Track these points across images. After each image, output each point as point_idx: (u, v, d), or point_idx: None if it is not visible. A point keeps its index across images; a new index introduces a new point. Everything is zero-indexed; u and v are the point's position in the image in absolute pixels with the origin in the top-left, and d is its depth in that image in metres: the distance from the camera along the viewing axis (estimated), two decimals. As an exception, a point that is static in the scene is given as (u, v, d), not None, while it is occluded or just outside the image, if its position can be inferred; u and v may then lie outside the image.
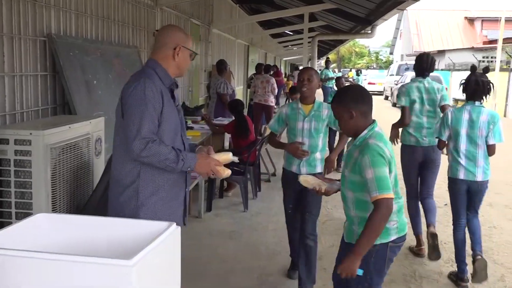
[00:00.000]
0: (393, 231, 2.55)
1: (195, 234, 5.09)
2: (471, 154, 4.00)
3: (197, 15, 9.61)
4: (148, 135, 2.35)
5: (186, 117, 7.51)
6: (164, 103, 2.44)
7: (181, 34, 2.63)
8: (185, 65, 2.65)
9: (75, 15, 4.68)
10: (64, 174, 3.30)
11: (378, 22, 10.45)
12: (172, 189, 2.55)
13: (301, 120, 3.76)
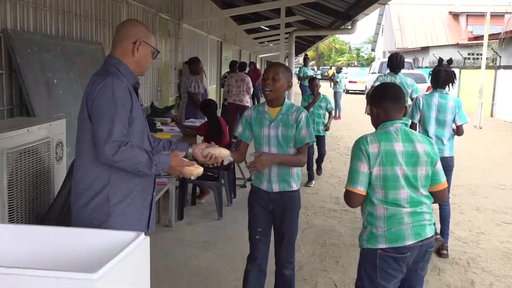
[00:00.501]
0: (381, 238, 2.60)
1: (165, 244, 5.06)
2: (439, 134, 4.90)
3: (166, 9, 9.58)
4: (120, 138, 2.35)
5: (155, 119, 7.53)
6: (133, 103, 2.46)
7: (142, 28, 2.63)
8: (146, 62, 2.64)
9: (33, 8, 4.62)
10: (22, 181, 3.25)
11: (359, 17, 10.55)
12: (141, 193, 2.57)
13: (267, 125, 3.31)
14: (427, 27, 40.23)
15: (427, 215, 2.67)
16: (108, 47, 6.50)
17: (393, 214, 2.62)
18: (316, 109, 7.79)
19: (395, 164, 2.59)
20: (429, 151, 2.66)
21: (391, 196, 2.60)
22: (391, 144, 2.61)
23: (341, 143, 12.05)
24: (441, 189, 2.72)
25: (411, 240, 2.59)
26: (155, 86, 9.06)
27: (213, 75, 16.20)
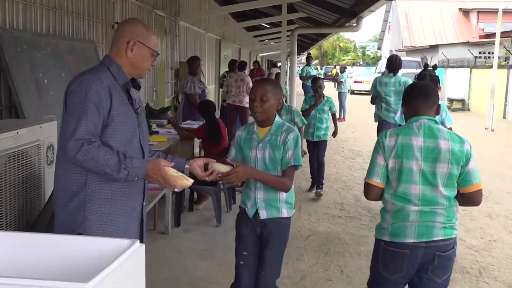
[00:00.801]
0: (385, 231, 2.83)
1: (161, 252, 5.06)
2: None
3: (162, 6, 9.60)
4: (84, 136, 2.34)
5: (150, 121, 7.53)
6: (113, 103, 2.44)
7: (139, 28, 2.61)
8: (142, 64, 2.62)
9: (23, 5, 4.63)
10: (11, 186, 3.25)
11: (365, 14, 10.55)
12: (124, 200, 2.55)
13: (255, 147, 3.20)
14: (436, 24, 40.26)
15: (440, 217, 2.72)
16: (102, 46, 6.51)
17: (399, 209, 2.76)
18: (318, 113, 7.35)
19: (410, 158, 2.72)
20: (454, 149, 2.71)
21: (401, 189, 2.74)
22: (409, 138, 2.75)
23: (345, 146, 12.05)
24: (473, 191, 2.74)
25: (412, 238, 2.72)
26: (151, 86, 9.07)
27: (211, 75, 16.22)
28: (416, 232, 2.71)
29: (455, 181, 2.73)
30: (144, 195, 2.69)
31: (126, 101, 2.55)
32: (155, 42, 2.65)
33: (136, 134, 2.60)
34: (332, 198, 7.34)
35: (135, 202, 2.63)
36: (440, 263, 2.74)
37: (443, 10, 41.19)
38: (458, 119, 18.89)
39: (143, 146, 2.65)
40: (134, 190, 2.60)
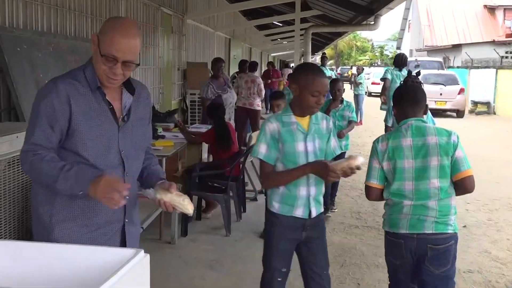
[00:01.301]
0: (386, 222, 3.27)
1: (167, 263, 5.07)
2: None
3: (169, 4, 9.65)
4: (31, 148, 2.31)
5: (156, 124, 7.55)
6: (73, 113, 2.33)
7: (108, 22, 2.42)
8: (97, 66, 2.39)
9: (23, 3, 4.67)
10: (10, 193, 3.27)
11: (383, 12, 10.54)
12: (94, 216, 2.45)
13: (302, 139, 3.11)
14: (459, 22, 40.11)
15: (432, 211, 3.09)
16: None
17: (396, 204, 3.19)
18: (338, 120, 6.59)
19: (401, 158, 3.13)
20: (441, 142, 3.10)
21: (396, 186, 3.15)
22: (398, 140, 3.16)
23: (362, 151, 12.01)
24: (462, 177, 3.10)
25: (405, 229, 3.14)
26: (157, 88, 9.10)
27: (220, 76, 16.25)
28: (408, 224, 3.13)
29: (447, 171, 3.10)
30: (125, 212, 2.57)
31: (100, 109, 2.40)
32: (114, 43, 2.33)
33: (113, 145, 2.45)
34: (348, 206, 7.31)
35: (109, 219, 2.50)
36: (435, 256, 3.09)
37: (466, 7, 41.01)
38: (482, 123, 18.80)
39: (124, 158, 2.48)
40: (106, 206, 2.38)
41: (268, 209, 3.23)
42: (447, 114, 20.86)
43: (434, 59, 29.40)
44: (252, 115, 10.81)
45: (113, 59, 2.33)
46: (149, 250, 2.09)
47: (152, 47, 8.68)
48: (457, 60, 31.47)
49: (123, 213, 2.55)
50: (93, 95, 2.39)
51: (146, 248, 2.08)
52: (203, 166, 6.63)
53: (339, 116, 6.59)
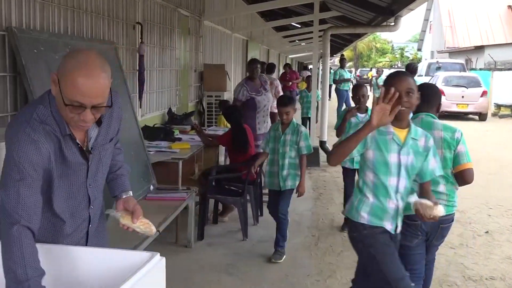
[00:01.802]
0: None
1: (183, 267, 5.09)
2: None
3: (186, 5, 9.69)
4: (22, 217, 2.03)
5: (173, 126, 7.59)
6: (51, 160, 2.16)
7: (68, 60, 2.10)
8: (63, 113, 2.14)
9: (40, 5, 4.72)
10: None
11: (403, 13, 10.48)
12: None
13: (396, 151, 3.11)
14: (482, 23, 39.73)
15: (443, 195, 3.56)
16: (122, 47, 6.60)
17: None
18: None
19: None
20: (446, 137, 3.52)
21: None
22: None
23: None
24: (462, 169, 3.52)
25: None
26: (173, 90, 9.14)
27: (237, 78, 16.28)
28: None
29: (449, 163, 3.53)
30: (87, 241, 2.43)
31: (70, 152, 2.22)
32: (77, 87, 2.04)
33: (81, 185, 2.33)
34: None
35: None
36: (441, 232, 3.66)
37: (490, 8, 40.62)
38: (506, 126, 18.59)
39: (90, 194, 2.37)
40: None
41: (357, 221, 3.19)
42: (469, 117, 20.68)
43: (456, 61, 29.16)
44: (270, 117, 10.80)
45: (80, 106, 2.07)
46: (165, 254, 2.10)
47: (169, 49, 8.72)
48: (480, 62, 31.19)
49: (84, 240, 2.43)
50: (63, 138, 2.19)
51: (162, 251, 2.10)
52: (220, 169, 6.65)
53: None
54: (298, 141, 5.34)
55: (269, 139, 5.55)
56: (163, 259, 2.00)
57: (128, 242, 4.00)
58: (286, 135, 5.39)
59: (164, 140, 6.76)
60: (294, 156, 5.39)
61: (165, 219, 4.76)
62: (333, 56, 33.76)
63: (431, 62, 27.82)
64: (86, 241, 2.42)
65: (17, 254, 1.96)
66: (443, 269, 5.22)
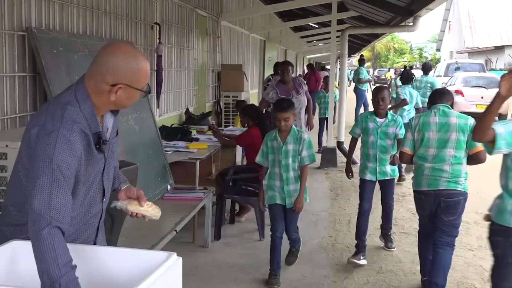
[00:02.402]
0: (413, 183, 4.59)
1: (200, 266, 5.10)
2: None
3: (204, 5, 9.71)
4: (54, 218, 2.01)
5: (190, 127, 7.61)
6: (81, 165, 2.19)
7: (127, 65, 2.24)
8: (128, 103, 2.33)
9: (59, 5, 4.76)
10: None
11: (422, 13, 10.40)
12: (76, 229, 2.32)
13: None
14: (502, 23, 39.30)
15: (445, 173, 4.26)
16: (140, 47, 6.63)
17: (419, 167, 4.41)
18: (380, 138, 5.34)
19: (428, 131, 4.32)
20: (460, 123, 4.27)
21: (421, 152, 4.37)
22: (428, 118, 4.37)
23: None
24: (476, 152, 4.19)
25: (425, 187, 4.34)
26: (191, 90, 9.17)
27: (254, 78, 16.29)
28: (428, 183, 4.32)
29: (463, 145, 4.25)
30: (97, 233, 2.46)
31: (93, 148, 2.27)
32: (146, 76, 2.31)
33: (99, 177, 2.37)
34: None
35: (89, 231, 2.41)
36: (446, 207, 4.26)
37: (510, 7, 40.19)
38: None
39: (105, 185, 2.42)
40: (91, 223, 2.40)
41: (503, 224, 3.34)
42: (489, 118, 20.43)
43: (476, 61, 28.91)
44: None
45: (148, 91, 2.35)
46: (182, 254, 2.11)
47: (187, 49, 8.75)
48: (500, 62, 30.89)
49: (95, 234, 2.45)
50: (92, 136, 2.25)
51: (179, 251, 2.10)
52: (237, 169, 6.65)
53: (381, 133, 5.34)
54: (300, 150, 4.76)
55: (267, 150, 4.88)
56: (180, 259, 2.00)
57: (145, 242, 4.03)
58: (288, 145, 4.77)
59: (181, 140, 6.78)
60: (298, 168, 4.81)
61: (182, 219, 4.77)
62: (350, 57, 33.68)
63: (450, 63, 27.58)
64: (96, 235, 2.44)
65: (49, 255, 1.94)
66: (462, 271, 5.18)
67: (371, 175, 5.38)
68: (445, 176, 4.24)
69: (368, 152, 5.40)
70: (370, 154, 5.38)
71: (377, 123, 5.37)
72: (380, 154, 5.33)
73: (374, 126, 5.37)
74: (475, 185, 8.50)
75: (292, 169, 4.77)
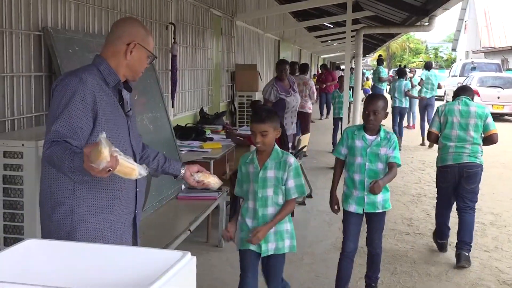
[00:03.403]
0: (438, 160, 5.61)
1: (214, 266, 5.10)
2: None
3: (219, 5, 9.73)
4: (54, 138, 2.37)
5: (205, 126, 7.62)
6: (98, 106, 2.49)
7: (139, 29, 2.69)
8: (139, 67, 2.69)
9: (75, 5, 4.79)
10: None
11: (438, 12, 10.33)
12: (114, 210, 2.59)
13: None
14: (519, 22, 38.98)
15: (467, 149, 5.30)
16: (155, 47, 6.65)
17: (444, 145, 5.43)
18: (369, 160, 4.24)
19: (452, 115, 5.38)
20: (478, 111, 5.35)
21: (447, 132, 5.40)
22: (453, 106, 5.45)
23: (414, 157, 11.81)
24: (490, 134, 5.35)
25: (451, 162, 5.35)
26: (205, 90, 9.18)
27: (269, 78, 16.27)
28: (453, 158, 5.34)
29: (480, 129, 5.33)
30: (136, 203, 2.72)
31: (115, 103, 2.61)
32: (152, 44, 2.74)
33: (126, 138, 2.66)
34: (399, 212, 7.20)
35: (126, 211, 2.66)
36: (467, 176, 5.32)
37: (526, 7, 39.83)
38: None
39: (134, 150, 2.70)
40: (124, 197, 2.63)
41: None
42: (505, 119, 20.26)
43: (492, 61, 28.67)
44: (303, 118, 10.77)
45: (154, 57, 2.76)
46: (196, 253, 2.10)
47: (201, 49, 8.77)
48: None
49: (134, 204, 2.71)
50: (108, 89, 2.59)
51: (193, 250, 2.10)
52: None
53: (371, 155, 4.23)
54: (286, 179, 3.57)
55: (241, 177, 3.75)
56: (194, 258, 2.00)
57: (159, 241, 4.04)
58: (267, 170, 3.58)
59: (196, 139, 6.79)
60: (282, 202, 3.62)
61: (196, 218, 4.78)
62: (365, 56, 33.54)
63: (466, 63, 27.38)
64: (136, 202, 2.70)
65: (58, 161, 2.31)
66: (477, 273, 5.13)
67: (357, 206, 4.31)
68: (466, 152, 5.29)
69: (354, 177, 4.31)
70: (356, 180, 4.29)
71: (366, 141, 4.25)
72: (369, 181, 4.18)
73: (362, 145, 4.25)
74: (491, 186, 8.44)
75: (273, 204, 3.59)
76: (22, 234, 3.19)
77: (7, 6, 3.90)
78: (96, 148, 2.08)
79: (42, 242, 2.17)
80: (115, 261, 2.06)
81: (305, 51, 26.24)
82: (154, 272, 1.82)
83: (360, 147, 4.25)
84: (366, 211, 4.31)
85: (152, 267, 1.97)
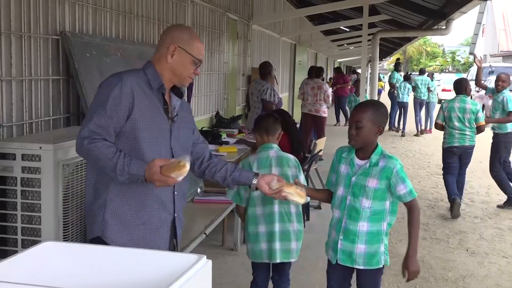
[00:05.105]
0: (444, 142, 7.75)
1: (229, 269, 5.10)
2: None
3: (235, 9, 9.75)
4: (87, 135, 2.49)
5: (220, 130, 7.63)
6: (135, 107, 2.58)
7: (183, 33, 2.75)
8: (183, 71, 2.73)
9: (93, 9, 4.83)
10: (78, 196, 3.37)
11: (455, 16, 10.29)
12: (147, 205, 2.66)
13: None
14: (537, 26, 38.63)
15: (468, 135, 7.16)
16: (171, 51, 6.67)
17: (449, 132, 7.29)
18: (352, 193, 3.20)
19: (453, 111, 7.20)
20: (472, 107, 7.15)
21: (450, 123, 7.23)
22: (453, 102, 7.29)
23: (431, 161, 11.73)
24: (480, 125, 7.16)
25: (457, 143, 7.24)
26: (221, 93, 9.20)
27: (285, 82, 16.27)
28: (457, 141, 7.21)
29: (472, 121, 7.11)
30: (175, 206, 2.78)
31: (157, 106, 2.68)
32: (199, 50, 2.75)
33: (167, 141, 2.71)
34: (416, 217, 7.14)
35: (161, 212, 2.72)
36: (466, 155, 7.36)
37: (545, 10, 39.47)
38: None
39: (174, 155, 2.71)
40: (155, 196, 2.67)
41: None
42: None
43: (510, 65, 28.40)
44: (318, 122, 10.76)
45: (199, 62, 2.75)
46: (212, 256, 2.11)
47: (218, 52, 8.78)
48: (535, 66, 30.30)
49: (173, 207, 2.77)
50: (152, 92, 2.67)
51: (208, 254, 2.11)
52: (266, 173, 6.61)
53: (355, 186, 3.20)
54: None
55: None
56: (209, 261, 2.00)
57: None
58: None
59: (211, 143, 6.80)
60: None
61: (212, 221, 4.78)
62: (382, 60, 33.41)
63: (484, 66, 27.12)
64: (174, 205, 2.77)
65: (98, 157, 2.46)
66: (495, 279, 5.09)
67: (332, 253, 3.37)
68: (467, 137, 7.20)
69: (334, 213, 3.36)
70: (334, 217, 3.35)
71: (353, 167, 3.24)
72: (348, 221, 3.21)
73: (347, 171, 3.25)
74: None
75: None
76: (40, 236, 3.21)
77: (26, 11, 3.94)
78: (177, 162, 2.40)
79: (59, 245, 2.19)
80: (131, 264, 2.07)
81: (321, 55, 26.19)
82: (170, 275, 1.83)
83: (344, 174, 3.23)
84: (340, 263, 3.29)
85: (168, 270, 1.97)
